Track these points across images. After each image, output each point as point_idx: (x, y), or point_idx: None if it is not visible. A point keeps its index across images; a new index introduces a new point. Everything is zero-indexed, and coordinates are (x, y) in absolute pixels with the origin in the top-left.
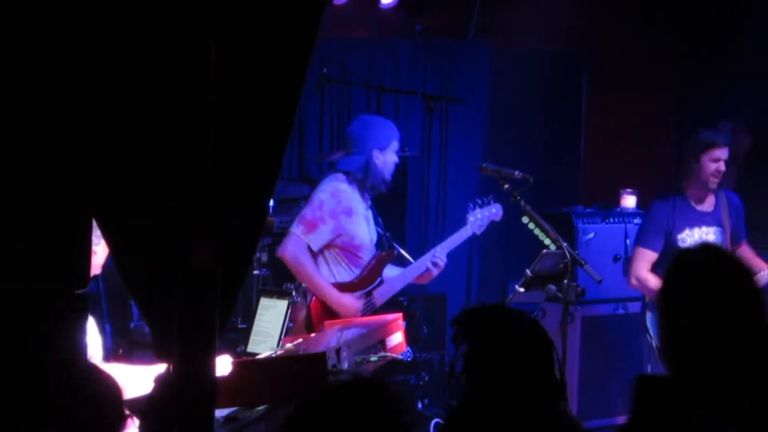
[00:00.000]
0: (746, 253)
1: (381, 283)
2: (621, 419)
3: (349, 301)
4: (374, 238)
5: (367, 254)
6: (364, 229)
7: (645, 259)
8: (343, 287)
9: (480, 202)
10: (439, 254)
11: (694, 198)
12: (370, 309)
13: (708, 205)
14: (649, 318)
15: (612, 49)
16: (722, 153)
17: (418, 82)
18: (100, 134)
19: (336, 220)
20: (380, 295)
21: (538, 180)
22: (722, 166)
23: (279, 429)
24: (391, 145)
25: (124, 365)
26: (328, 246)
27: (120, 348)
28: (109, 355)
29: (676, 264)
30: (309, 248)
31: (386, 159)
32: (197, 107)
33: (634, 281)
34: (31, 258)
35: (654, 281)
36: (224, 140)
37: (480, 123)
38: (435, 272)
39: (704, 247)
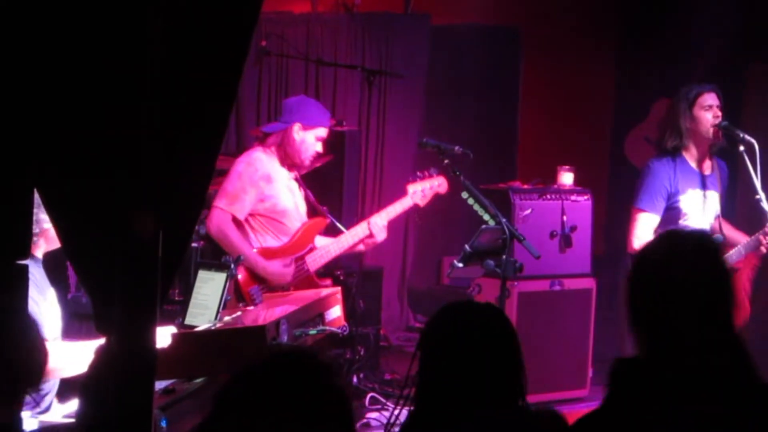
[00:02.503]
0: (727, 225)
1: (312, 249)
2: (557, 394)
3: (277, 268)
4: (301, 208)
5: (292, 222)
6: (286, 196)
7: (649, 224)
8: (271, 252)
9: (421, 174)
10: (377, 220)
11: (694, 159)
12: (303, 275)
13: (707, 167)
14: None
15: (549, 23)
16: (711, 98)
17: (357, 56)
18: (41, 102)
19: (256, 187)
20: (312, 261)
21: (474, 155)
22: (717, 112)
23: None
24: (315, 129)
25: (70, 342)
26: (253, 214)
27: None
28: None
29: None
30: (234, 219)
31: (305, 138)
32: (140, 78)
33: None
34: None
35: None
36: (167, 111)
37: (418, 97)
38: (378, 238)
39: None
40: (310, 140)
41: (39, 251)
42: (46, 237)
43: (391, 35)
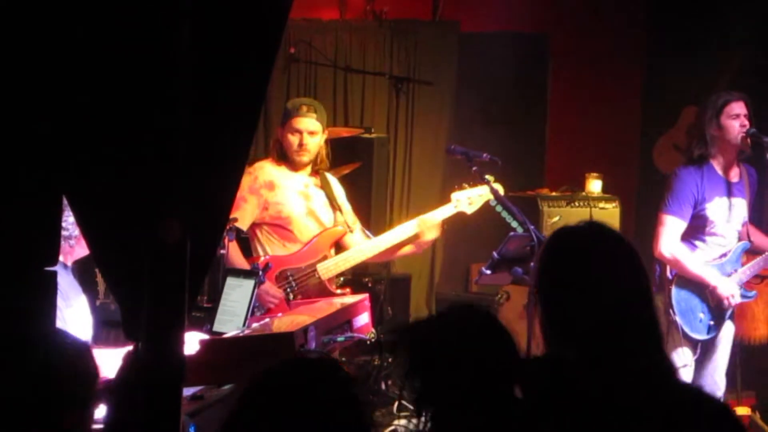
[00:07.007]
0: (756, 231)
1: (325, 257)
2: None
3: (269, 290)
4: (322, 215)
5: (300, 229)
6: (295, 202)
7: (676, 229)
8: (281, 260)
9: (467, 184)
10: (430, 218)
11: (721, 167)
12: (313, 283)
13: (734, 174)
14: (675, 293)
15: (577, 31)
16: (738, 107)
17: (385, 63)
18: (70, 110)
19: (257, 195)
20: (324, 270)
21: (503, 162)
22: (744, 121)
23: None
24: (286, 124)
25: (102, 349)
26: (259, 224)
27: None
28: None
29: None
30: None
31: (284, 137)
32: (167, 84)
33: (667, 254)
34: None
35: (688, 255)
36: (195, 118)
37: (446, 104)
38: (428, 236)
39: (590, 225)
40: (287, 137)
41: (69, 257)
42: (79, 243)
43: (419, 42)
